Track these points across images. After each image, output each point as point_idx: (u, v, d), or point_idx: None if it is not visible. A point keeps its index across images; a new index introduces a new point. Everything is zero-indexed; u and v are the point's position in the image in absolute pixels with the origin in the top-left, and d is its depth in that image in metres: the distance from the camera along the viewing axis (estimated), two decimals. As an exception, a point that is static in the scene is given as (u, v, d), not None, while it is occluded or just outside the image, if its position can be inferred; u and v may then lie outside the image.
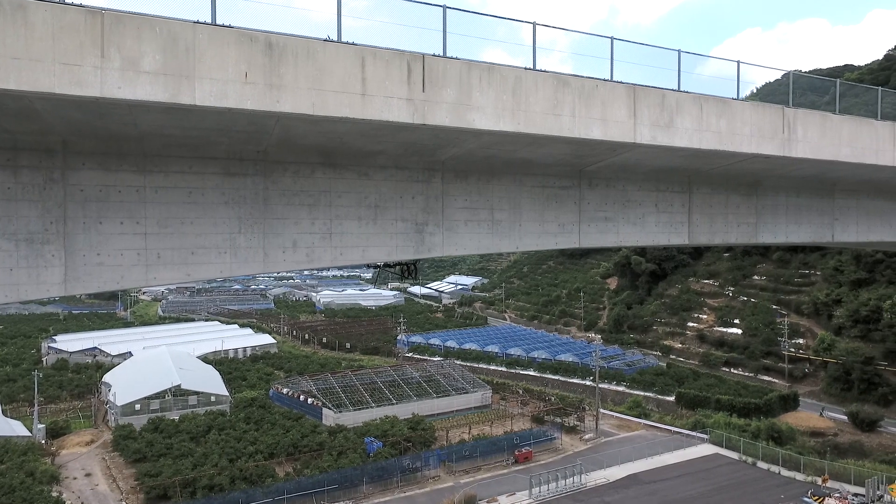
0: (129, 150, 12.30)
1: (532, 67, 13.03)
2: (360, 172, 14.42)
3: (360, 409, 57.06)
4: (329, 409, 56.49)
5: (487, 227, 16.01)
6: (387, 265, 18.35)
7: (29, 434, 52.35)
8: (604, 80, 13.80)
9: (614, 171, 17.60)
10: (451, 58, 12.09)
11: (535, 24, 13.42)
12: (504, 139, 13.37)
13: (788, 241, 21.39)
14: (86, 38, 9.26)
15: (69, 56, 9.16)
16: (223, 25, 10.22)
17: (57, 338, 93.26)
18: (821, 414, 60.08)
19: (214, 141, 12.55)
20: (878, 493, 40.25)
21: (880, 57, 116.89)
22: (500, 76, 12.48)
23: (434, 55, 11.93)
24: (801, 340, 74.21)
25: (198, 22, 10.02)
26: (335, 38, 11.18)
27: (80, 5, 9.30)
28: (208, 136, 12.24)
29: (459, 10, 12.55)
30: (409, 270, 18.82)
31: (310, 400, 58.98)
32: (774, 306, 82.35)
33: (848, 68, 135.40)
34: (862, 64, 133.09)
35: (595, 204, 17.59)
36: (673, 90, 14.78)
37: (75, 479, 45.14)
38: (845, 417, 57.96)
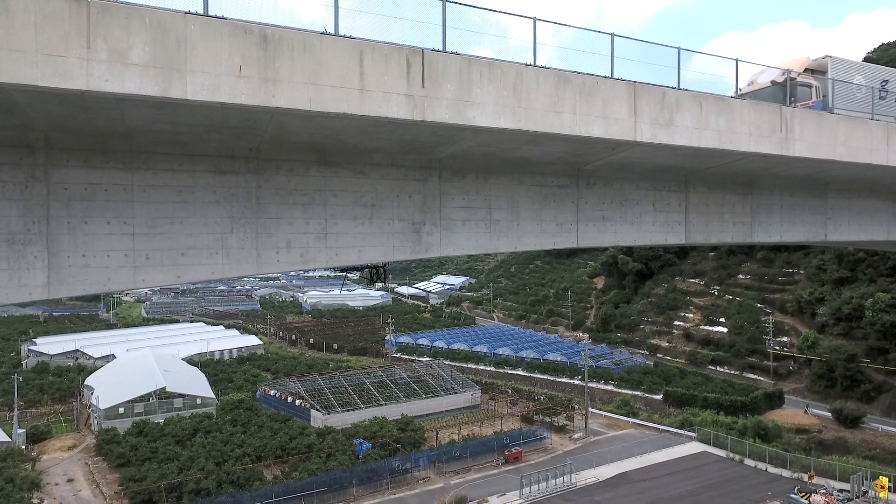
0: (116, 146, 11.82)
1: (533, 64, 12.77)
2: (356, 171, 14.05)
3: (348, 411, 56.52)
4: (317, 410, 55.87)
5: (485, 226, 15.71)
6: (353, 268, 17.87)
7: (8, 439, 51.02)
8: (604, 77, 13.58)
9: (612, 169, 17.41)
10: (451, 53, 11.78)
11: (535, 20, 13.16)
12: (504, 137, 13.09)
13: (783, 240, 21.39)
14: (70, 28, 8.81)
15: (53, 47, 8.70)
16: (216, 17, 9.81)
17: (37, 340, 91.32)
18: (805, 411, 60.73)
19: (205, 138, 12.11)
20: (862, 488, 40.74)
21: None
22: (500, 72, 12.19)
23: (434, 50, 11.61)
24: (785, 338, 75.06)
25: (189, 12, 9.60)
26: (332, 32, 10.82)
27: (65, -7, 8.83)
28: (199, 133, 11.80)
29: (458, 3, 12.23)
30: (377, 273, 18.47)
31: (297, 402, 58.29)
32: (759, 305, 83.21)
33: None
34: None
35: (593, 203, 17.37)
36: (673, 88, 14.61)
37: (57, 485, 44.09)
38: (829, 414, 58.65)
